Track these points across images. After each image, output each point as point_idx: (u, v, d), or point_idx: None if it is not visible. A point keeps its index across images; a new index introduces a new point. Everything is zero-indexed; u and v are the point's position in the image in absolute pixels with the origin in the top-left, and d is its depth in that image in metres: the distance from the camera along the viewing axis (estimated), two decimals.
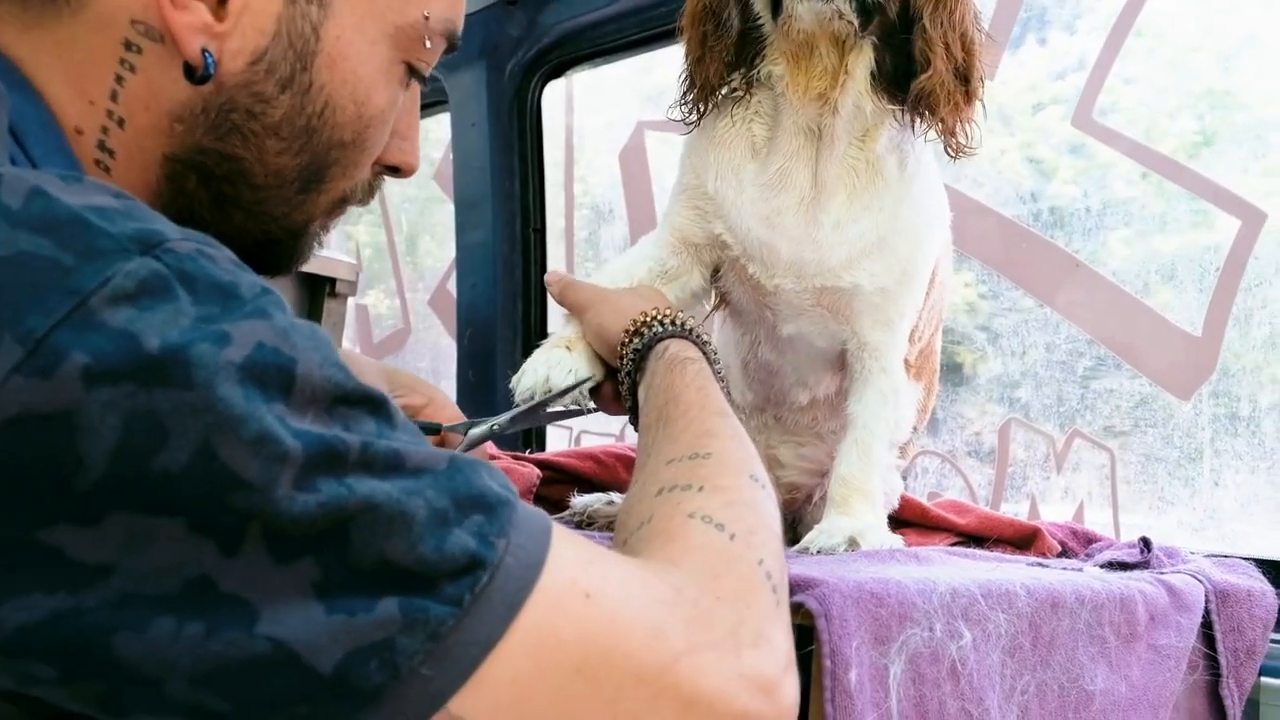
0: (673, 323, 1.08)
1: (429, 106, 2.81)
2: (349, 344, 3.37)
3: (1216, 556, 1.45)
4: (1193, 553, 1.47)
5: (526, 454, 1.72)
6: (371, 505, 0.55)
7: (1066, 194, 1.77)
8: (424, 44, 0.81)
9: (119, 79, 0.70)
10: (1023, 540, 1.55)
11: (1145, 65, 1.70)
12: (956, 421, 1.92)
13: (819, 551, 1.14)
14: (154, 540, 0.50)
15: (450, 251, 2.76)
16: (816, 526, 1.19)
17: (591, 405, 1.16)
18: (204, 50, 0.70)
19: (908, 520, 1.59)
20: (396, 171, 0.90)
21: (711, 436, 0.88)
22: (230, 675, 0.53)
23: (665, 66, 2.32)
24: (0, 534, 0.48)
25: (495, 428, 1.09)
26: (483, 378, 2.74)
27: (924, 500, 1.72)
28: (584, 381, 1.13)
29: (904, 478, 1.84)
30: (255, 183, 0.77)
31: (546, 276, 1.25)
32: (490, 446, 1.69)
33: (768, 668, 0.67)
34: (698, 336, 1.08)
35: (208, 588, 0.51)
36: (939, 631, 0.87)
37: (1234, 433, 1.62)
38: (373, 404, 0.59)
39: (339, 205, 0.85)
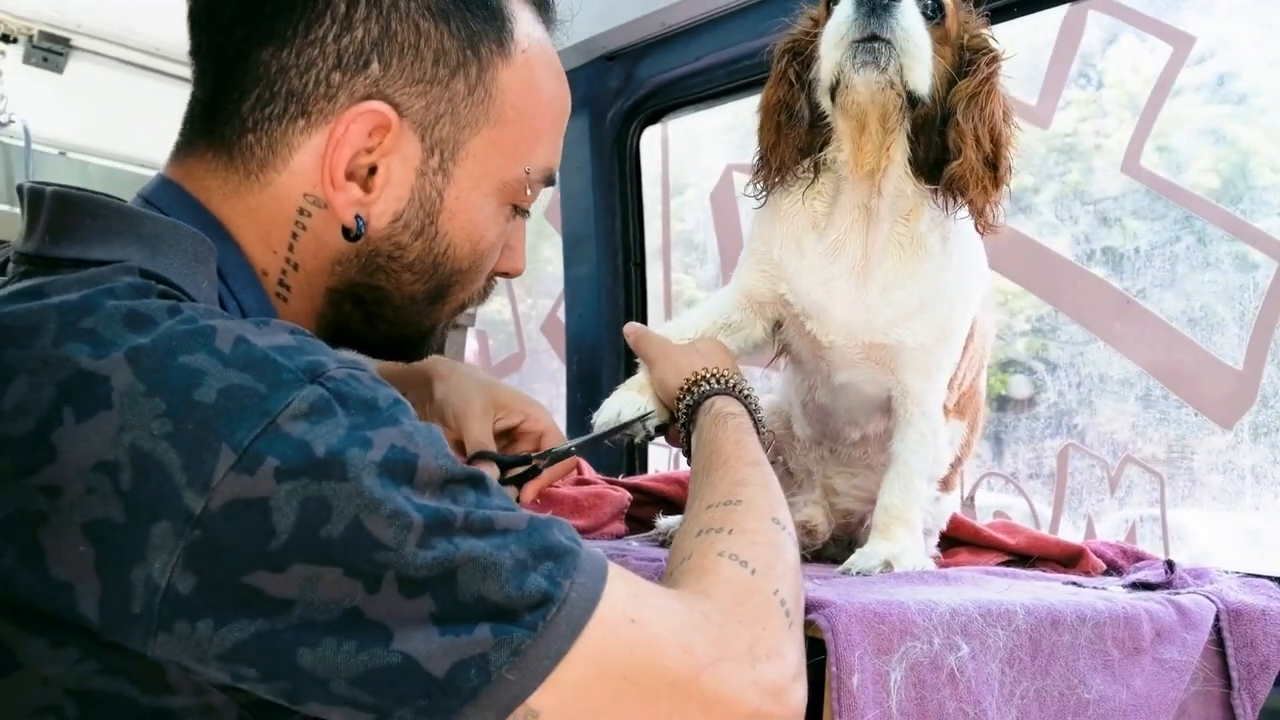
0: (719, 380, 1.27)
1: None
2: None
3: (1250, 576, 1.57)
4: (1227, 572, 1.59)
5: (620, 478, 1.92)
6: (471, 558, 0.77)
7: (1118, 236, 1.89)
8: (526, 192, 1.04)
9: (294, 235, 0.95)
10: (1068, 559, 1.69)
11: (1187, 118, 1.81)
12: (1020, 446, 2.05)
13: (858, 573, 1.32)
14: (321, 583, 0.73)
15: (559, 283, 2.99)
16: (858, 550, 1.37)
17: (653, 434, 1.36)
18: (356, 216, 0.95)
19: (962, 540, 1.74)
20: (506, 274, 1.13)
21: (743, 485, 1.08)
22: (374, 677, 0.75)
23: (751, 114, 2.51)
24: (219, 579, 0.71)
25: (573, 447, 1.31)
26: (590, 400, 2.96)
27: (988, 519, 1.87)
28: (643, 418, 1.33)
29: (971, 499, 2.00)
30: (395, 304, 1.02)
31: (625, 329, 1.45)
32: (589, 471, 1.91)
33: (778, 677, 0.87)
34: (742, 392, 1.27)
35: (358, 616, 0.74)
36: (937, 644, 1.04)
37: (1274, 460, 1.73)
38: (473, 481, 0.82)
39: (459, 309, 1.09)
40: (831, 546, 1.58)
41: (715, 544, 0.98)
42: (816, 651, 0.98)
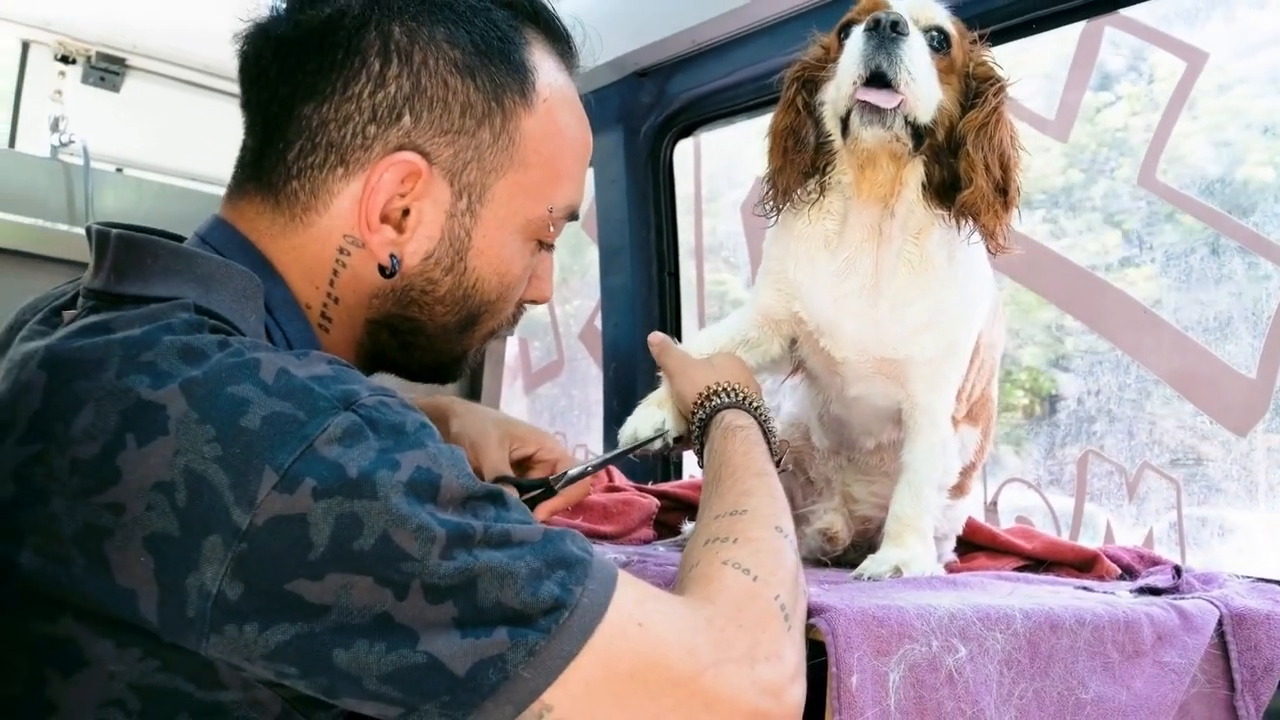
0: (731, 394, 1.34)
1: None
2: (512, 373, 3.74)
3: (1262, 581, 1.61)
4: (1241, 577, 1.63)
5: (649, 485, 2.00)
6: (490, 568, 0.85)
7: (1134, 247, 1.94)
8: (549, 229, 1.12)
9: (335, 272, 1.04)
10: (1083, 564, 1.74)
11: (1201, 131, 1.85)
12: (1041, 452, 2.10)
13: (869, 578, 1.38)
14: (354, 590, 0.81)
15: (596, 291, 3.07)
16: (870, 557, 1.43)
17: (672, 446, 1.44)
18: (391, 255, 1.04)
19: (980, 544, 1.80)
20: (534, 302, 1.22)
21: (749, 495, 1.15)
22: (402, 675, 0.83)
23: None
24: (263, 587, 0.79)
25: (589, 469, 1.39)
26: (625, 407, 3.03)
27: (1010, 524, 1.92)
28: (661, 435, 1.41)
29: (994, 504, 2.05)
30: (429, 333, 1.11)
31: (650, 338, 1.53)
32: (620, 479, 1.99)
33: (776, 677, 0.95)
34: (753, 405, 1.34)
35: (387, 620, 0.82)
36: (935, 647, 1.10)
37: None
38: (492, 497, 0.90)
39: (489, 336, 1.18)
40: (851, 552, 1.64)
41: (720, 553, 1.05)
42: (818, 653, 1.05)
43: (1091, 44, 1.98)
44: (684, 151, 2.88)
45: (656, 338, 1.51)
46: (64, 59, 3.49)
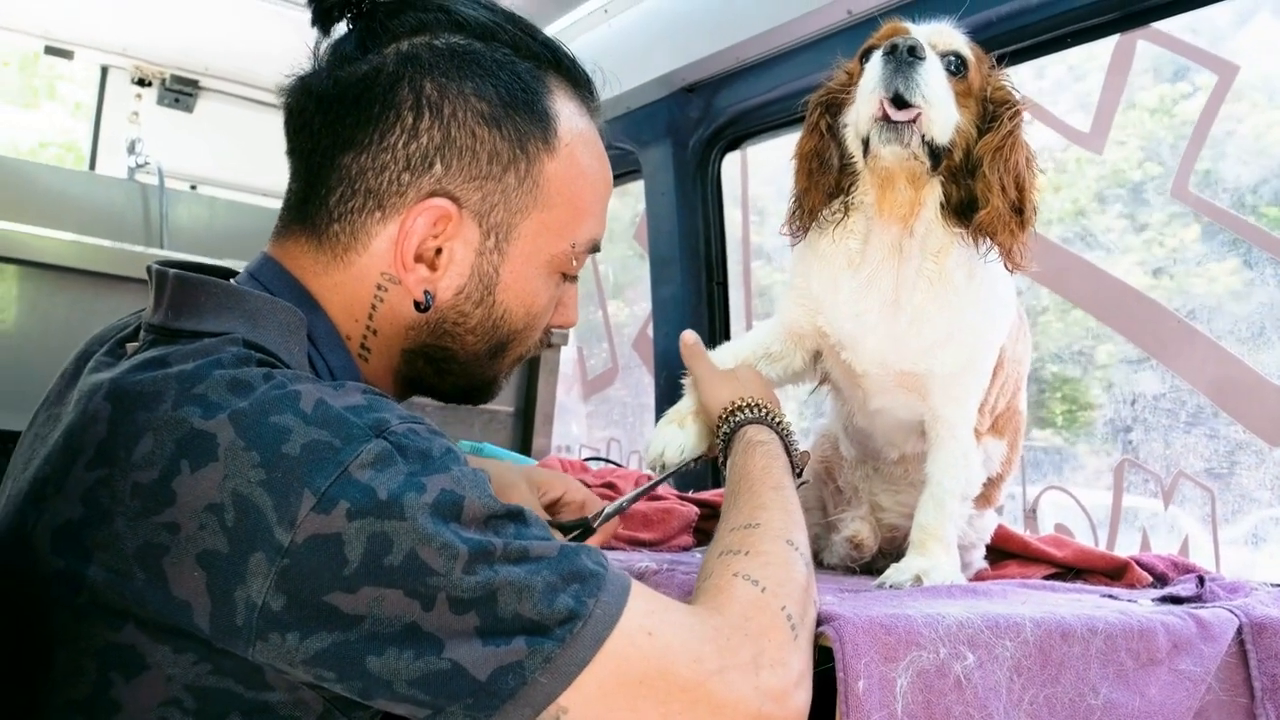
0: (754, 409, 1.40)
1: (628, 174, 3.22)
2: (569, 381, 3.83)
3: None
4: (1273, 585, 1.65)
5: (689, 494, 2.06)
6: (509, 582, 0.92)
7: (1168, 258, 1.95)
8: (572, 262, 1.20)
9: (373, 306, 1.13)
10: (1114, 572, 1.77)
11: (1233, 143, 1.87)
12: (1079, 460, 2.13)
13: (891, 586, 1.43)
14: (385, 602, 0.89)
15: (649, 300, 3.15)
16: (893, 565, 1.48)
17: (699, 459, 1.50)
18: (425, 292, 1.12)
19: (1012, 552, 1.84)
20: (560, 327, 1.29)
21: (762, 509, 1.21)
22: (428, 680, 0.91)
23: None
24: (303, 599, 0.88)
25: (623, 505, 1.45)
26: None
27: (1049, 531, 1.95)
28: (683, 462, 1.47)
29: (1034, 511, 2.08)
30: (461, 360, 1.20)
31: (683, 336, 1.59)
32: (663, 487, 2.05)
33: (779, 683, 1.01)
34: (774, 420, 1.40)
35: (415, 630, 0.90)
36: (944, 654, 1.15)
37: None
38: (512, 515, 0.97)
39: (519, 360, 1.26)
40: (880, 559, 1.69)
41: (732, 565, 1.11)
42: (828, 659, 1.11)
43: (1125, 58, 2.00)
44: (732, 163, 2.94)
45: (689, 337, 1.57)
46: (140, 82, 3.66)
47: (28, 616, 0.95)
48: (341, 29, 1.17)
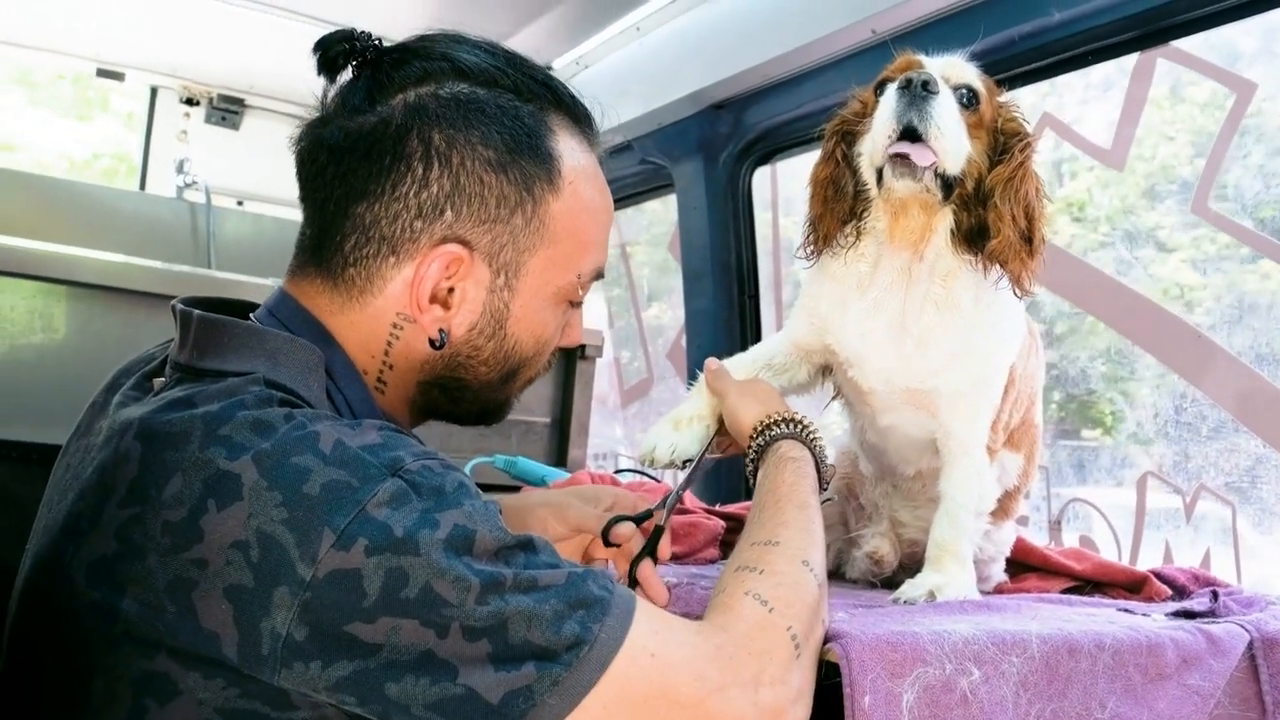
0: (789, 424, 1.44)
1: (661, 188, 3.27)
2: (606, 391, 3.89)
3: None
4: None
5: (716, 507, 2.11)
6: (519, 611, 0.98)
7: (1188, 273, 1.98)
8: (578, 292, 1.25)
9: (389, 343, 1.19)
10: (1133, 585, 1.80)
11: (1254, 158, 1.89)
12: (1103, 473, 2.15)
13: (906, 602, 1.48)
14: (402, 632, 0.95)
15: (682, 312, 3.20)
16: (908, 581, 1.53)
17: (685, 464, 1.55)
18: (440, 330, 1.18)
19: (1032, 565, 1.87)
20: (566, 347, 1.35)
21: (784, 527, 1.26)
22: (444, 704, 0.97)
23: None
24: (325, 630, 0.94)
25: (678, 493, 1.50)
26: None
27: (1074, 543, 1.98)
28: (680, 461, 1.53)
29: (1058, 524, 2.11)
30: (474, 388, 1.26)
31: (707, 363, 1.64)
32: (691, 501, 2.10)
33: (777, 700, 1.06)
34: (808, 436, 1.44)
35: (431, 657, 0.96)
36: (949, 670, 1.20)
37: None
38: (522, 545, 1.03)
39: (528, 383, 1.32)
40: (902, 574, 1.72)
41: (745, 583, 1.16)
42: (837, 674, 1.16)
43: (1145, 75, 2.02)
44: (762, 178, 2.99)
45: (713, 363, 1.62)
46: (188, 101, 3.77)
47: (67, 646, 1.02)
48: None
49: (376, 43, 1.21)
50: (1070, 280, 2.14)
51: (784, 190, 3.10)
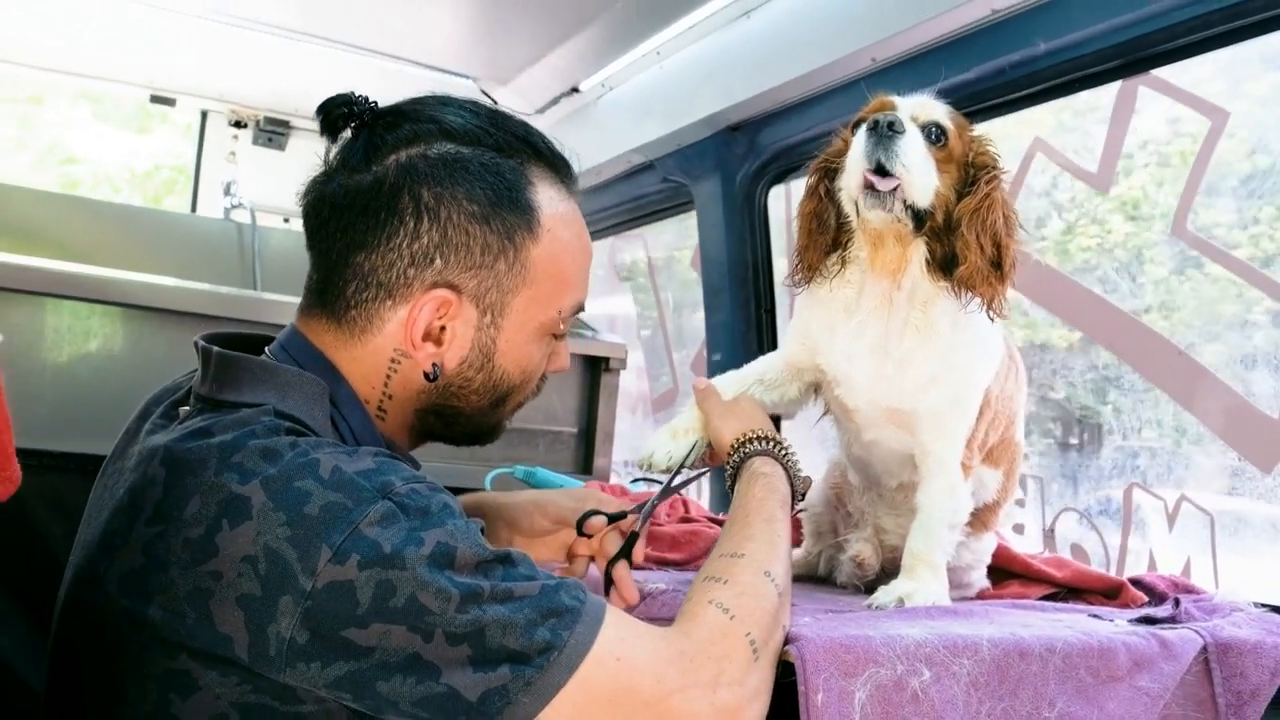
0: (762, 441, 1.56)
1: (682, 205, 3.39)
2: (634, 400, 4.02)
3: (1269, 609, 1.73)
4: (1259, 605, 1.75)
5: (721, 516, 2.23)
6: (495, 619, 1.10)
7: (1169, 293, 2.06)
8: (560, 326, 1.38)
9: (388, 376, 1.32)
10: (1109, 592, 1.89)
11: (1227, 183, 1.97)
12: (1092, 484, 2.24)
13: (878, 607, 1.58)
14: (391, 636, 1.08)
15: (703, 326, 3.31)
16: (881, 588, 1.63)
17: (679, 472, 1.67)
18: (434, 364, 1.31)
19: (1014, 573, 1.96)
20: (555, 371, 1.48)
21: (750, 540, 1.38)
22: (428, 701, 1.10)
23: None
24: (323, 634, 1.07)
25: (655, 502, 1.62)
26: None
27: (1066, 551, 2.07)
28: (676, 467, 1.64)
29: (1051, 532, 2.20)
30: (467, 414, 1.39)
31: (695, 383, 1.77)
32: (695, 510, 2.22)
33: (733, 700, 1.18)
34: (781, 452, 1.56)
35: (417, 659, 1.09)
36: (900, 670, 1.30)
37: None
38: (500, 559, 1.15)
39: (518, 408, 1.45)
40: (885, 577, 1.83)
41: (709, 592, 1.28)
42: (793, 673, 1.27)
43: (1127, 103, 2.10)
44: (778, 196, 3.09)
45: (701, 383, 1.75)
46: (237, 124, 3.96)
47: (103, 648, 1.17)
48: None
49: (372, 105, 1.35)
50: (1059, 298, 2.23)
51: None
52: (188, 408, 1.30)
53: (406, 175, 1.30)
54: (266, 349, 1.36)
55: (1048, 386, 2.31)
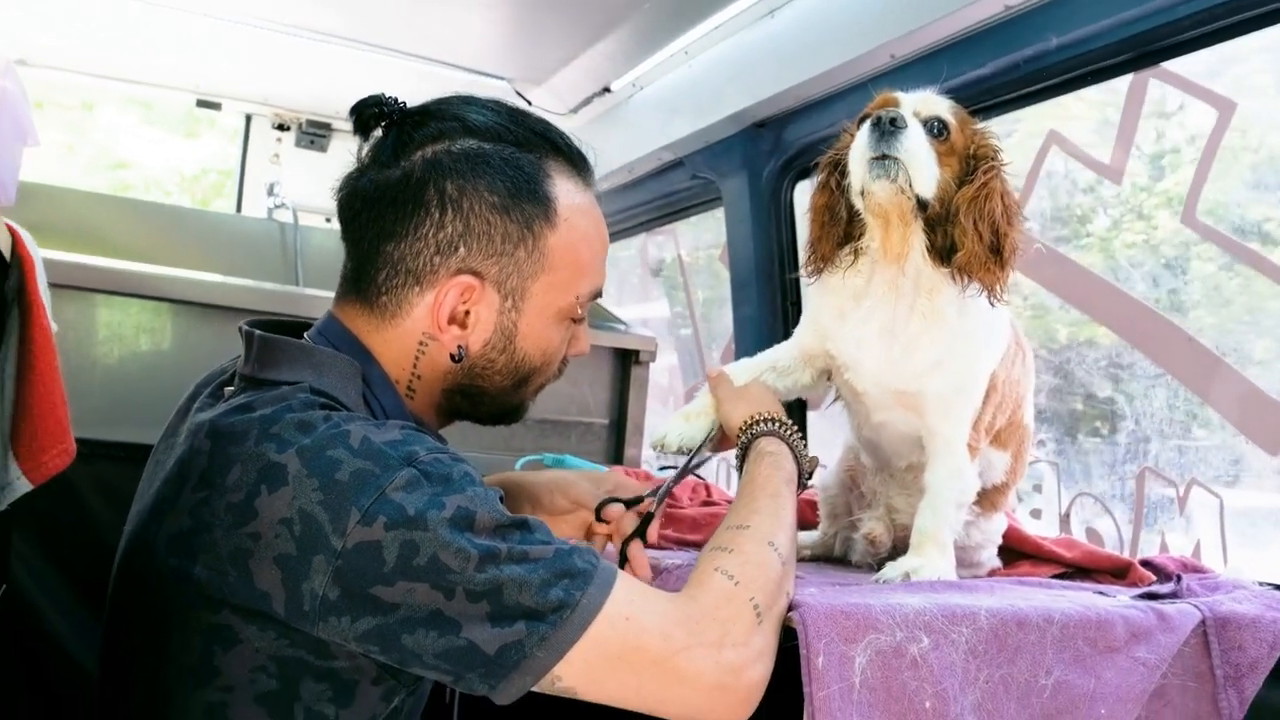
0: (768, 423, 1.63)
1: (711, 201, 3.46)
2: (665, 392, 4.09)
3: (1273, 587, 1.77)
4: (1262, 584, 1.80)
5: None
6: (512, 578, 1.19)
7: (1179, 280, 2.10)
8: (578, 310, 1.46)
9: (417, 358, 1.41)
10: (1118, 571, 1.94)
11: (1236, 173, 2.00)
12: (1106, 468, 2.28)
13: (885, 581, 1.65)
14: (415, 593, 1.17)
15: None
16: (889, 563, 1.70)
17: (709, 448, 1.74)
18: (459, 346, 1.40)
19: (1026, 553, 2.02)
20: (576, 355, 1.56)
21: (756, 513, 1.45)
22: (450, 654, 1.18)
23: None
24: (353, 591, 1.16)
25: (670, 485, 1.70)
26: None
27: (1080, 533, 2.12)
28: (689, 448, 1.71)
29: (1067, 516, 2.26)
30: (491, 394, 1.48)
31: (708, 370, 1.84)
32: (717, 493, 2.29)
33: (738, 659, 1.25)
34: (787, 432, 1.63)
35: (439, 615, 1.18)
36: (900, 637, 1.37)
37: None
38: (517, 524, 1.24)
39: (540, 389, 1.53)
40: (897, 555, 1.89)
41: (715, 560, 1.36)
42: (794, 638, 1.34)
43: (1138, 95, 2.15)
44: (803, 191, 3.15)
45: (714, 370, 1.82)
46: (280, 127, 4.08)
47: (152, 605, 1.27)
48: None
49: (401, 105, 1.44)
50: (1072, 285, 2.27)
51: None
52: (232, 388, 1.40)
53: (432, 169, 1.38)
54: (305, 334, 1.46)
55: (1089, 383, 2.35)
